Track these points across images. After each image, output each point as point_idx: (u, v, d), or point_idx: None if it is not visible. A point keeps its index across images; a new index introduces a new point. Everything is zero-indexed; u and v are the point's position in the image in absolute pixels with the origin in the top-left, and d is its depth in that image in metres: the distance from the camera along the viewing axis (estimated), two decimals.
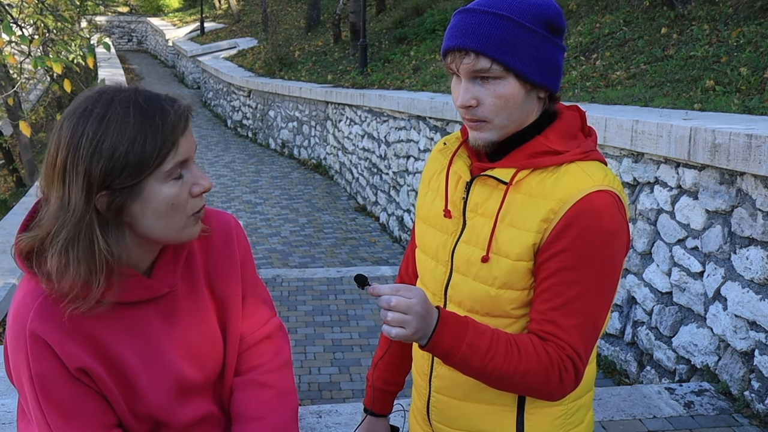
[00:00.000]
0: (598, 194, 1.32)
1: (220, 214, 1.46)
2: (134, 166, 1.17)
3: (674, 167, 3.92)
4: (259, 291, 1.50)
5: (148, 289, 1.30)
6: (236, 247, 1.44)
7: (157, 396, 1.32)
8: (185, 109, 1.24)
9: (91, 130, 1.17)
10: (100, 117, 1.18)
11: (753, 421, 3.41)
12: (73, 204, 1.17)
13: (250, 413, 1.43)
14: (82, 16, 14.40)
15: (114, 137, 1.17)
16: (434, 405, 1.53)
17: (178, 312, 1.35)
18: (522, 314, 1.39)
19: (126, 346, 1.29)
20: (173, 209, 1.23)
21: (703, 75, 5.52)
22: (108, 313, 1.27)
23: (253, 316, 1.48)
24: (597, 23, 8.62)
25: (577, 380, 1.34)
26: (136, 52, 30.75)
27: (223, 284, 1.42)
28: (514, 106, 1.34)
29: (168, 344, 1.34)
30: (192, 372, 1.37)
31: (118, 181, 1.17)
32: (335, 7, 17.51)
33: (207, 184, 1.27)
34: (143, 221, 1.23)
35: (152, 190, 1.20)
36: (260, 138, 15.52)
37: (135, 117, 1.18)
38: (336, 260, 7.94)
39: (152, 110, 1.20)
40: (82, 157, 1.16)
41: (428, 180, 1.55)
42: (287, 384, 1.48)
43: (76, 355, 1.24)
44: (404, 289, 1.24)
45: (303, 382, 4.58)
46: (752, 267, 3.41)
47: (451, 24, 1.36)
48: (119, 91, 1.22)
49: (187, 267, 1.38)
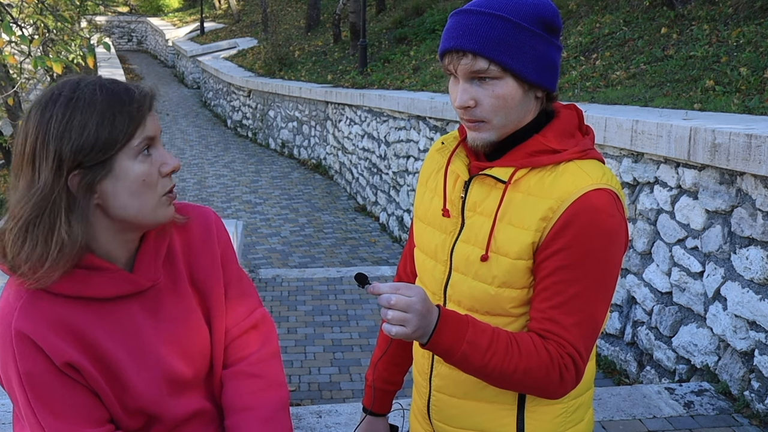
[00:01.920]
0: (596, 192, 1.32)
1: (199, 207, 1.47)
2: (104, 141, 1.20)
3: (674, 167, 3.92)
4: (242, 282, 1.50)
5: (130, 283, 1.31)
6: (216, 240, 1.45)
7: (147, 390, 1.32)
8: (149, 90, 1.29)
9: (60, 112, 1.20)
10: (68, 99, 1.21)
11: (753, 421, 3.41)
12: (42, 183, 1.19)
13: (239, 404, 1.42)
14: (82, 16, 14.39)
15: (83, 116, 1.20)
16: (435, 404, 1.53)
17: (162, 306, 1.36)
18: (521, 313, 1.39)
19: (113, 341, 1.29)
20: (145, 186, 1.26)
21: (703, 75, 5.52)
22: (93, 309, 1.28)
23: (237, 308, 1.47)
24: (597, 23, 8.61)
25: (577, 378, 1.35)
26: (136, 52, 30.76)
27: (205, 277, 1.42)
28: (512, 106, 1.34)
29: (155, 338, 1.34)
30: (181, 366, 1.37)
31: (89, 157, 1.20)
32: (335, 7, 17.51)
33: (175, 163, 1.30)
34: (116, 200, 1.24)
35: (123, 166, 1.23)
36: (260, 138, 15.53)
37: (102, 96, 1.22)
38: (336, 260, 7.95)
39: (118, 90, 1.24)
40: (52, 137, 1.19)
41: (426, 179, 1.55)
42: (276, 374, 1.47)
43: (63, 351, 1.24)
44: (404, 287, 1.24)
45: (303, 382, 4.58)
46: (752, 267, 3.41)
47: (448, 25, 1.37)
48: (84, 77, 1.26)
49: (168, 261, 1.38)
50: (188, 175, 12.36)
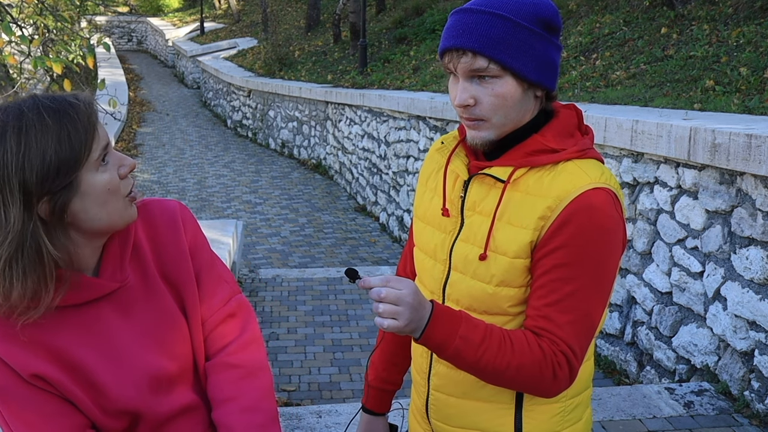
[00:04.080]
0: (594, 192, 1.32)
1: (163, 201, 1.47)
2: (67, 162, 1.19)
3: (674, 167, 3.92)
4: (215, 269, 1.49)
5: (95, 287, 1.30)
6: (182, 232, 1.44)
7: (125, 390, 1.32)
8: (89, 98, 1.27)
9: (14, 143, 1.17)
10: (17, 129, 1.18)
11: (753, 421, 3.41)
12: (12, 219, 1.17)
13: (221, 395, 1.42)
14: (82, 16, 14.39)
15: (39, 142, 1.18)
16: (433, 403, 1.53)
17: (133, 304, 1.36)
18: (519, 312, 1.39)
19: (84, 346, 1.29)
20: (110, 194, 1.26)
21: (703, 75, 5.52)
22: (61, 317, 1.27)
23: (212, 297, 1.47)
24: (597, 23, 8.61)
25: (571, 377, 1.34)
26: (136, 52, 30.76)
27: (175, 271, 1.42)
28: (511, 104, 1.35)
29: (129, 338, 1.34)
30: (163, 362, 1.37)
31: (56, 182, 1.19)
32: (335, 7, 17.51)
33: (131, 162, 1.30)
34: (87, 215, 1.24)
35: (88, 181, 1.23)
36: (260, 138, 15.53)
37: (50, 118, 1.20)
38: (336, 260, 7.95)
39: (63, 107, 1.22)
40: (13, 171, 1.16)
41: (426, 179, 1.56)
42: (257, 361, 1.47)
43: (28, 363, 1.24)
44: (395, 280, 1.24)
45: (303, 382, 4.58)
46: (752, 267, 3.41)
47: (448, 24, 1.37)
48: (19, 103, 1.23)
49: (136, 258, 1.38)
50: (188, 175, 12.36)
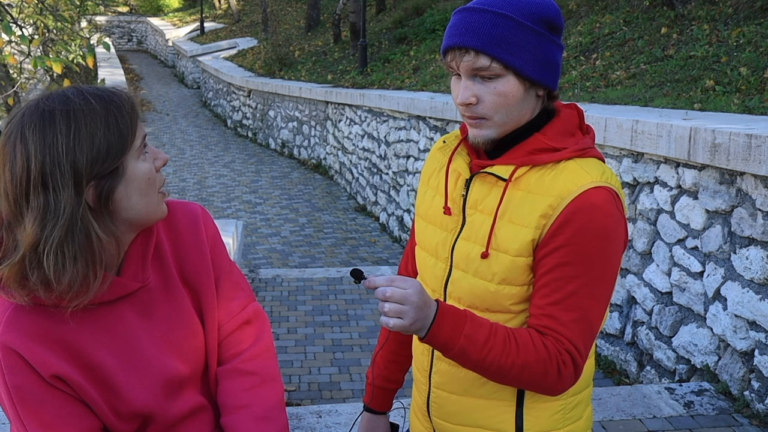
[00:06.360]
0: (595, 191, 1.33)
1: (185, 204, 1.47)
2: (115, 147, 1.20)
3: (674, 167, 3.92)
4: (233, 276, 1.49)
5: (118, 286, 1.30)
6: (204, 235, 1.44)
7: (141, 393, 1.32)
8: (126, 90, 1.29)
9: (64, 126, 1.17)
10: (65, 113, 1.18)
11: (753, 421, 3.41)
12: (62, 205, 1.16)
13: (234, 402, 1.42)
14: (82, 16, 14.39)
15: (88, 126, 1.19)
16: (434, 400, 1.53)
17: (153, 306, 1.35)
18: (521, 310, 1.40)
19: (103, 347, 1.29)
20: (149, 184, 1.27)
21: (703, 75, 5.52)
22: (81, 316, 1.26)
23: (230, 303, 1.47)
24: (597, 23, 8.62)
25: (576, 375, 1.35)
26: (136, 52, 30.75)
27: (195, 274, 1.42)
28: (513, 103, 1.35)
29: (148, 339, 1.34)
30: (178, 365, 1.36)
31: (104, 166, 1.19)
32: (335, 7, 17.51)
33: (165, 156, 1.32)
34: (129, 202, 1.25)
35: (132, 168, 1.24)
36: (260, 138, 15.53)
37: (97, 103, 1.21)
38: (336, 260, 7.95)
39: (107, 94, 1.24)
40: (64, 154, 1.16)
41: (428, 178, 1.56)
42: (270, 370, 1.47)
43: (49, 363, 1.24)
44: (399, 279, 1.25)
45: (303, 382, 4.58)
46: (752, 267, 3.41)
47: (450, 23, 1.38)
48: (63, 91, 1.23)
49: (158, 259, 1.38)
50: (188, 175, 12.36)
